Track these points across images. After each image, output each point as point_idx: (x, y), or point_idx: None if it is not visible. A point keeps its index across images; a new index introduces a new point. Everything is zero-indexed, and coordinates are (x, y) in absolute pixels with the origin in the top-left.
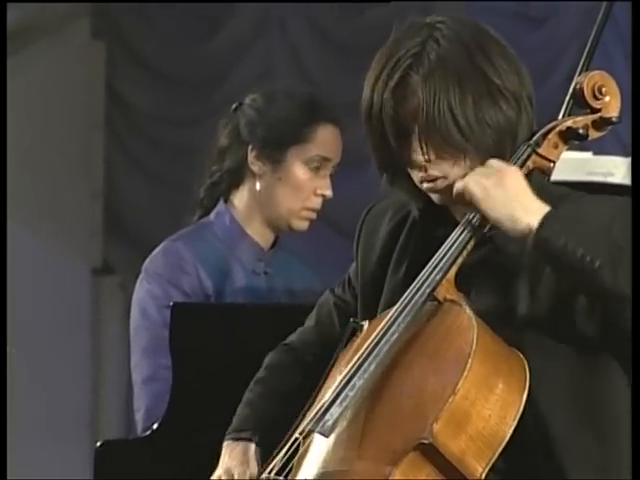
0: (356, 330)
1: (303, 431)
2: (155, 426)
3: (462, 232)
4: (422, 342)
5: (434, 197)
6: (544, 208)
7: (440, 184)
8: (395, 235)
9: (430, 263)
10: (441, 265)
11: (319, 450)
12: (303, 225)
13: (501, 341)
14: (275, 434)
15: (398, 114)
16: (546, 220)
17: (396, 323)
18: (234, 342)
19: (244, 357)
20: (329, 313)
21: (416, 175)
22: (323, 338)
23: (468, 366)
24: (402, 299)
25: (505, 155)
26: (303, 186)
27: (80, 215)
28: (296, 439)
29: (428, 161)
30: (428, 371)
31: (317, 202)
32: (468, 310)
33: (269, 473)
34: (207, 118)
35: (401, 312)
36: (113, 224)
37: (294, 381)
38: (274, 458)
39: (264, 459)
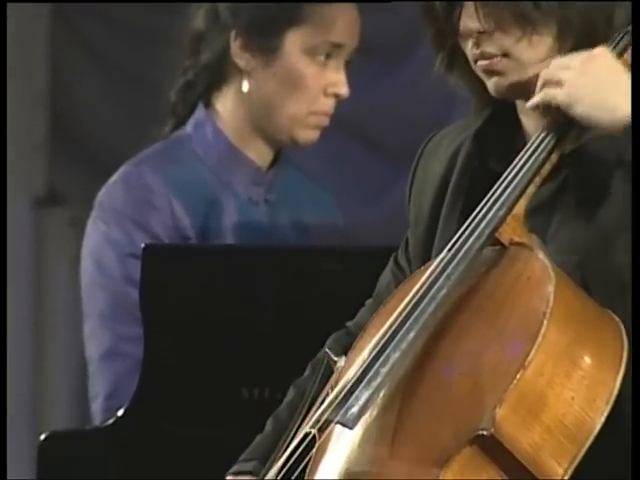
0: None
1: (318, 421)
2: (120, 412)
3: (534, 151)
4: (479, 300)
5: (490, 85)
6: None
7: (498, 63)
8: (449, 169)
9: (489, 195)
10: (505, 197)
11: (340, 447)
12: (311, 135)
13: (588, 298)
14: None
15: None
16: None
17: (444, 276)
18: (225, 298)
19: (239, 319)
20: (389, 285)
21: (469, 51)
22: None
23: (543, 331)
24: (452, 243)
25: (596, 40)
26: (308, 83)
27: (17, 126)
28: (307, 434)
29: (483, 32)
30: (488, 339)
31: (328, 104)
32: (542, 256)
33: (275, 477)
34: None
35: (451, 261)
36: (61, 138)
37: None
38: (279, 457)
39: None
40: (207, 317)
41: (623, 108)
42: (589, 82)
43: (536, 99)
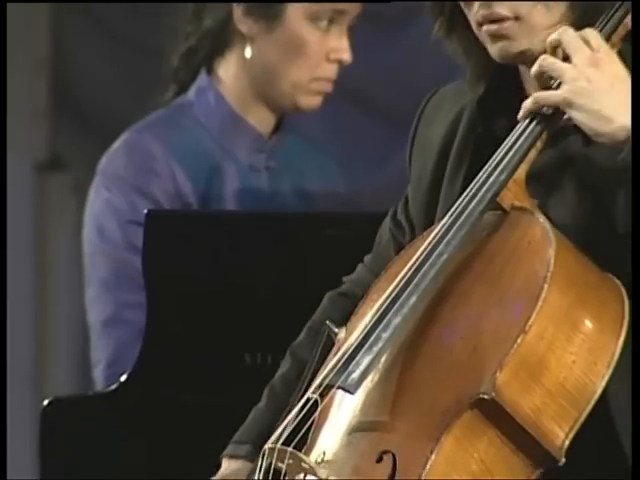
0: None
1: (320, 386)
2: (123, 378)
3: (536, 116)
4: (480, 265)
5: (494, 51)
6: None
7: (508, 27)
8: (452, 133)
9: (491, 160)
10: (506, 161)
11: (342, 412)
12: (314, 102)
13: (589, 262)
14: None
15: None
16: None
17: (445, 241)
18: (227, 264)
19: (241, 285)
20: (387, 245)
21: (475, 14)
22: None
23: (543, 295)
24: (453, 208)
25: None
26: (310, 49)
27: (19, 90)
28: (309, 399)
29: None
30: (489, 303)
31: (331, 70)
32: (543, 220)
33: (275, 442)
34: None
35: (452, 225)
36: (63, 104)
37: None
38: (281, 423)
39: None
40: (209, 283)
41: (620, 120)
42: (590, 91)
43: (541, 63)
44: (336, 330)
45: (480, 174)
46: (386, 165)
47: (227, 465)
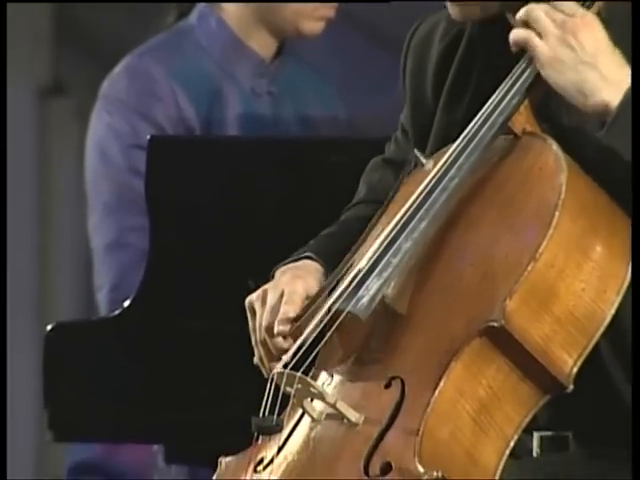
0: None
1: (329, 310)
2: (126, 303)
3: None
4: (491, 190)
5: (452, 10)
6: (626, 77)
7: None
8: (447, 59)
9: (502, 85)
10: (519, 85)
11: (351, 337)
12: (316, 27)
13: (600, 190)
14: None
15: None
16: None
17: (456, 165)
18: (229, 189)
19: (244, 210)
20: (380, 182)
21: None
22: None
23: (554, 222)
24: (464, 134)
25: None
26: None
27: (21, 17)
28: (320, 322)
29: None
30: (499, 230)
31: None
32: (555, 147)
33: (283, 367)
34: None
35: (463, 150)
36: (65, 28)
37: None
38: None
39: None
40: (213, 208)
41: (597, 96)
42: (572, 58)
43: (514, 37)
44: (424, 161)
45: (492, 99)
46: (387, 90)
47: (290, 266)
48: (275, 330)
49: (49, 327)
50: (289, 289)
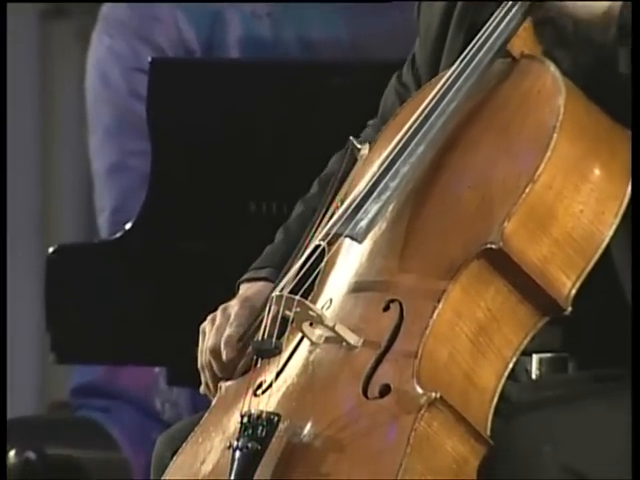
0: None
1: (328, 235)
2: (128, 226)
3: None
4: (489, 114)
5: None
6: None
7: None
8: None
9: (500, 9)
10: (517, 8)
11: (349, 261)
12: None
13: (599, 111)
14: None
15: None
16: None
17: (454, 89)
18: (231, 112)
19: (246, 133)
20: (393, 107)
21: None
22: None
23: (552, 144)
24: (461, 57)
25: None
26: None
27: None
28: (317, 246)
29: None
30: (498, 152)
31: None
32: (553, 69)
33: (282, 290)
34: None
35: (460, 74)
36: None
37: None
38: (287, 272)
39: None
40: (214, 131)
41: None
42: None
43: None
44: (359, 146)
45: (489, 22)
46: (390, 9)
47: (247, 288)
48: (221, 349)
49: (51, 249)
50: (235, 311)
